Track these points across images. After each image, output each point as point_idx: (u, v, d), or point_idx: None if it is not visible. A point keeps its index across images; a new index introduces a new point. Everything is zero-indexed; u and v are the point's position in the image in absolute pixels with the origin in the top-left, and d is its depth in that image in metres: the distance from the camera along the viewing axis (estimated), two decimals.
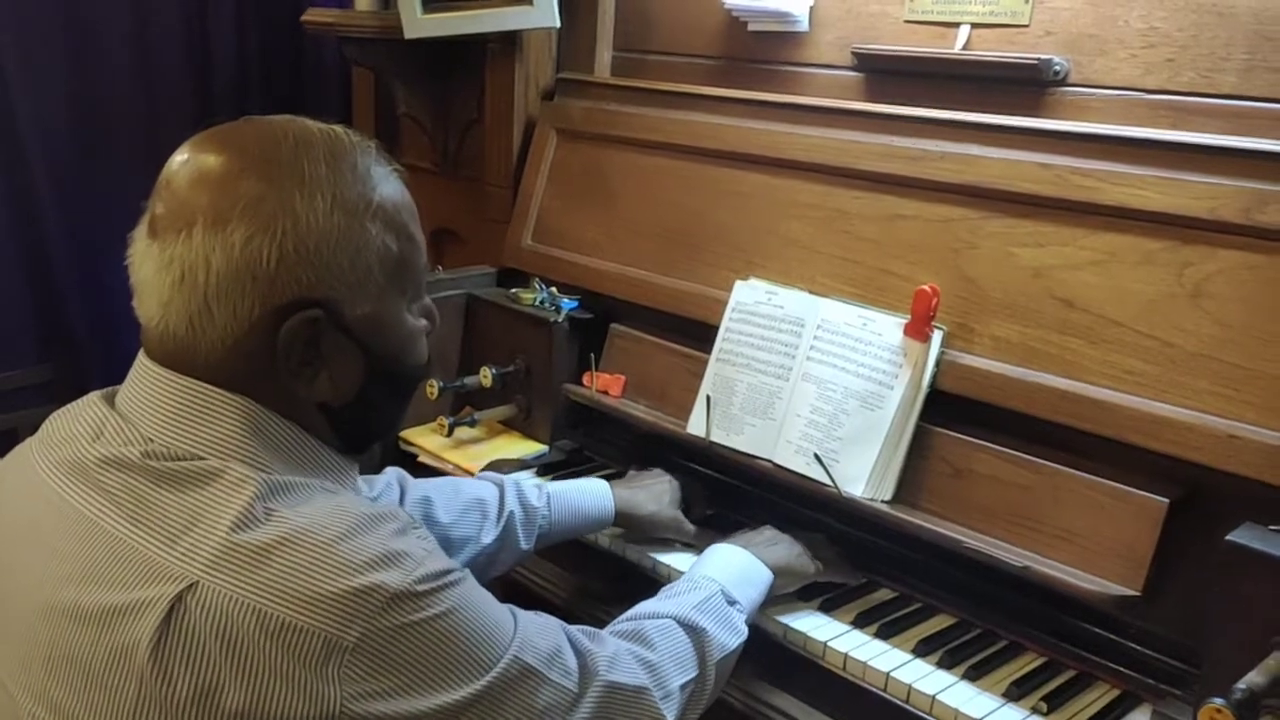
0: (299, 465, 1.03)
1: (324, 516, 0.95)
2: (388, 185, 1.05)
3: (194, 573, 0.90)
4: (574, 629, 1.16)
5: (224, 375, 1.00)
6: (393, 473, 1.51)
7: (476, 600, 1.02)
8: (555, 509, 1.57)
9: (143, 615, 0.90)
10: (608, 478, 1.70)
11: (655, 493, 1.68)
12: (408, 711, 0.93)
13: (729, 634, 1.32)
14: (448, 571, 0.99)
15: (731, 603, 1.35)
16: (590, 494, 1.62)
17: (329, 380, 1.04)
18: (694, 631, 1.28)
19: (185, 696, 0.88)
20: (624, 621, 1.28)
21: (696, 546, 1.65)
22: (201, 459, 0.97)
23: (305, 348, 1.01)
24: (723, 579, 1.37)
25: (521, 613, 1.10)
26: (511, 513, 1.51)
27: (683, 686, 1.22)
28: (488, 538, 1.49)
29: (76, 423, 1.05)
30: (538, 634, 1.08)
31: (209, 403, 0.99)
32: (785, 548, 1.50)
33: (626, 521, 1.64)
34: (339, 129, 1.06)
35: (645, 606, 1.32)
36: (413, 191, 1.11)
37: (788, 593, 1.50)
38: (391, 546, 0.96)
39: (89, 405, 1.06)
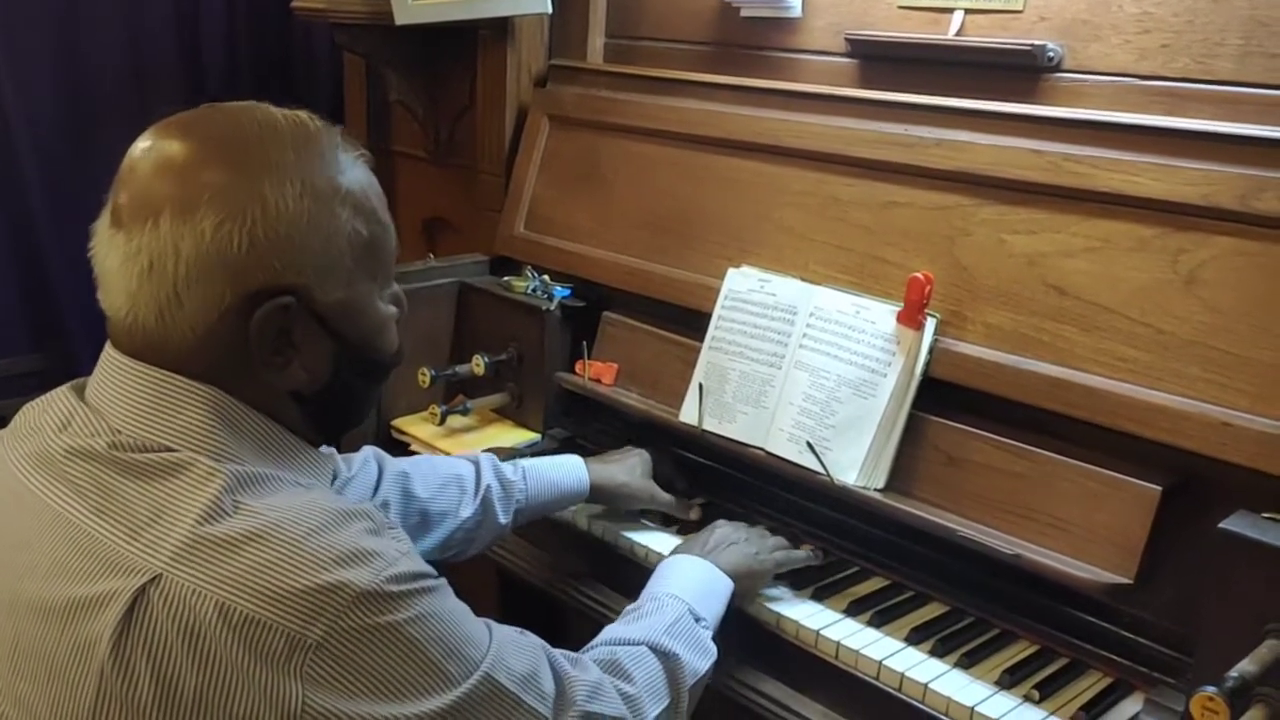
0: (270, 457, 1.01)
1: (294, 511, 0.94)
2: (355, 170, 1.04)
3: (158, 565, 0.89)
4: (557, 652, 1.14)
5: (194, 365, 0.98)
6: (370, 450, 1.50)
7: (449, 610, 1.00)
8: (531, 483, 1.57)
9: (105, 609, 0.88)
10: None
11: (628, 465, 1.70)
12: (370, 716, 0.91)
13: (700, 657, 1.30)
14: (421, 576, 0.98)
15: (698, 620, 1.33)
16: (565, 468, 1.63)
17: (301, 368, 1.03)
18: (667, 658, 1.26)
19: (145, 691, 0.87)
20: (597, 648, 1.25)
21: (675, 520, 1.68)
22: (170, 450, 0.96)
23: (277, 335, 1.00)
24: (687, 596, 1.35)
25: (499, 630, 1.08)
26: (489, 486, 1.52)
27: (657, 717, 1.21)
28: (466, 512, 1.49)
29: (44, 414, 1.03)
30: (514, 654, 1.06)
31: (177, 393, 0.98)
32: (741, 549, 1.47)
33: (600, 494, 1.65)
34: (303, 114, 1.05)
35: (615, 631, 1.29)
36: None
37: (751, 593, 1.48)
38: (362, 545, 0.94)
39: (58, 397, 1.05)
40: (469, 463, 1.55)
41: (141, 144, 1.01)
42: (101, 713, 0.88)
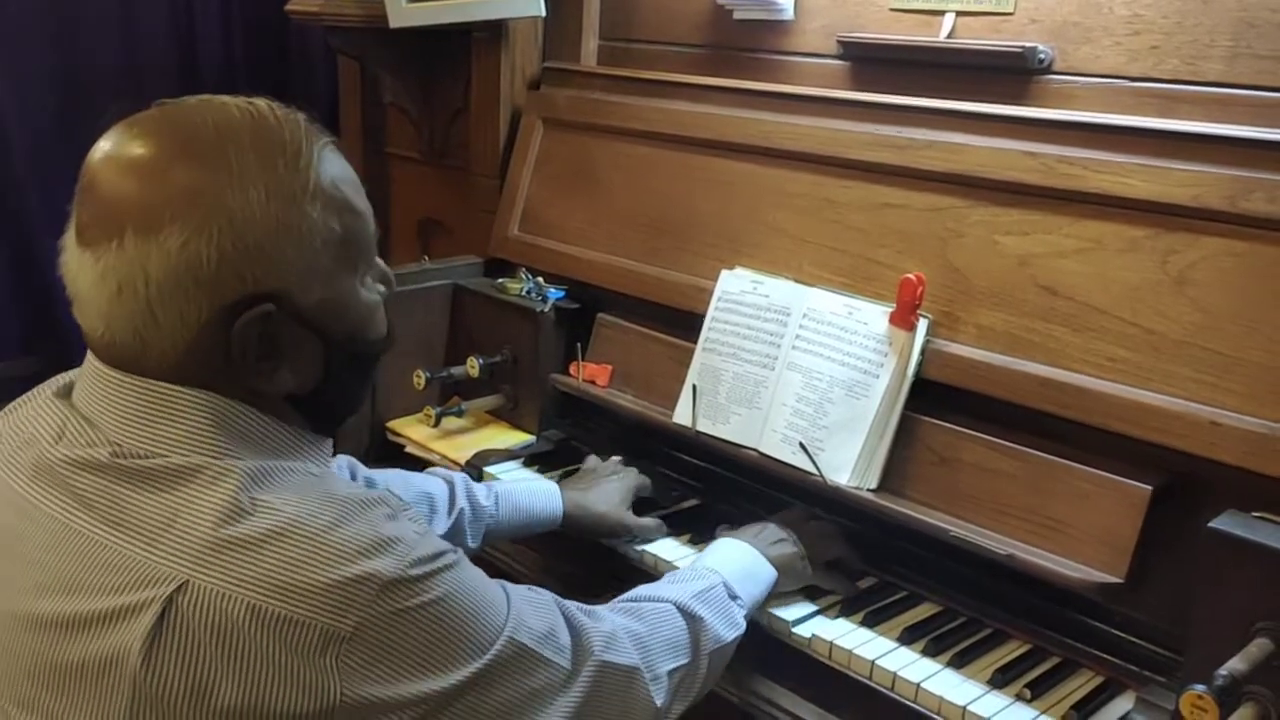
0: (274, 451, 1.00)
1: (313, 505, 0.93)
2: (324, 162, 0.99)
3: (183, 571, 0.88)
4: (570, 604, 1.15)
5: (181, 375, 0.96)
6: (344, 459, 1.48)
7: (471, 582, 1.01)
8: (503, 509, 1.56)
9: (134, 619, 0.87)
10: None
11: (606, 492, 1.64)
12: (405, 695, 0.92)
13: (726, 626, 1.31)
14: (441, 554, 0.98)
15: (733, 597, 1.34)
16: (539, 495, 1.60)
17: (290, 372, 1.00)
18: (691, 619, 1.27)
19: (180, 697, 0.87)
20: (623, 601, 1.28)
21: (654, 541, 1.64)
22: (176, 457, 0.94)
23: (261, 343, 0.96)
24: (726, 572, 1.37)
25: (514, 590, 1.08)
26: (461, 509, 1.51)
27: (671, 672, 1.22)
28: (437, 531, 1.48)
29: (36, 423, 1.01)
30: (532, 613, 1.07)
31: (171, 401, 0.96)
32: (788, 547, 1.48)
33: (573, 522, 1.61)
34: (261, 104, 1.01)
35: (646, 589, 1.31)
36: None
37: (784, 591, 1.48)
38: (384, 532, 0.94)
39: (45, 406, 1.02)
40: (444, 482, 1.54)
41: (96, 154, 0.97)
42: (137, 719, 0.88)
